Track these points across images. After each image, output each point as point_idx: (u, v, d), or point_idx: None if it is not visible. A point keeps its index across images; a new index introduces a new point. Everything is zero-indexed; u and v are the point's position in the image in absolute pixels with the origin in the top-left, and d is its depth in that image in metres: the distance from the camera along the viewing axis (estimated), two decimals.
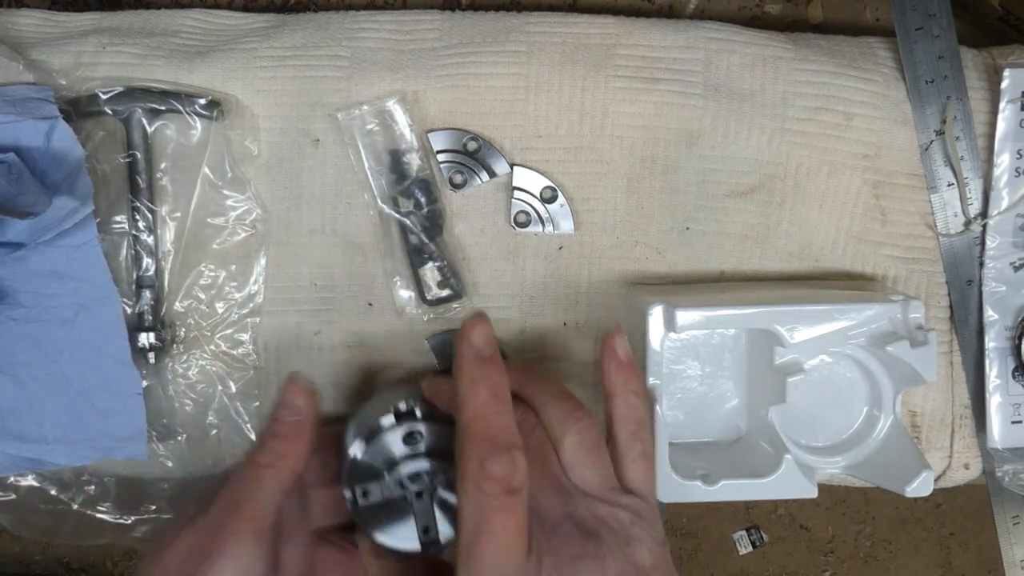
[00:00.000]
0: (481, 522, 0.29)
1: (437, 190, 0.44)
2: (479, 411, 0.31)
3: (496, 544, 0.29)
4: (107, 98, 0.42)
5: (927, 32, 0.44)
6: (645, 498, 0.34)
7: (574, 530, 0.32)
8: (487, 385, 0.31)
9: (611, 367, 0.36)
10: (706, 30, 0.44)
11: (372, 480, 0.36)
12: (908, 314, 0.40)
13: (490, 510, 0.29)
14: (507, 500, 0.29)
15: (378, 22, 0.44)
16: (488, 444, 0.30)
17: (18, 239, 0.40)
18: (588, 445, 0.34)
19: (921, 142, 0.45)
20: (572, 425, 0.34)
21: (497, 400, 0.31)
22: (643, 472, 0.35)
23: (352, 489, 0.36)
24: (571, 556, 0.31)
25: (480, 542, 0.29)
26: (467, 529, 0.30)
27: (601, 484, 0.34)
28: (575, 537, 0.31)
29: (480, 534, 0.29)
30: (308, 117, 0.44)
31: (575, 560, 0.30)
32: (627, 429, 0.35)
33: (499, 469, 0.29)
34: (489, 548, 0.29)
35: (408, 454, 0.36)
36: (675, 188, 0.45)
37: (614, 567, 0.31)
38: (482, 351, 0.32)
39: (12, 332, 0.42)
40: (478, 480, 0.30)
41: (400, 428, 0.36)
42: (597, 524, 0.32)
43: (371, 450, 0.36)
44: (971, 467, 0.46)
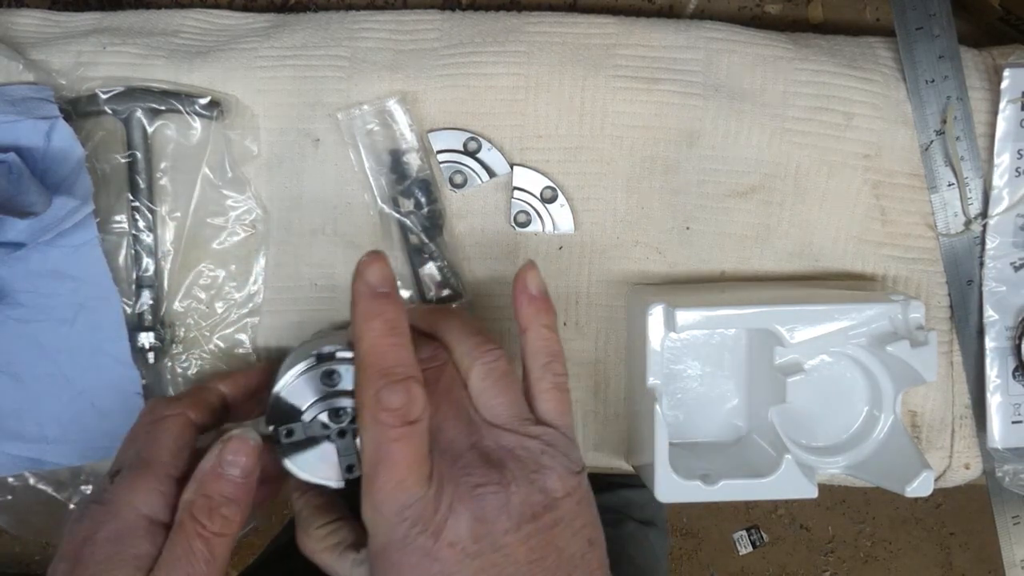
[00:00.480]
0: (379, 453, 0.30)
1: (437, 190, 0.44)
2: (373, 344, 0.31)
3: (394, 473, 0.30)
4: (107, 98, 0.42)
5: (927, 32, 0.44)
6: (558, 428, 0.34)
7: (478, 459, 0.32)
8: (382, 319, 0.31)
9: (523, 301, 0.36)
10: (706, 30, 0.44)
11: (294, 419, 0.36)
12: (908, 314, 0.40)
13: (387, 440, 0.30)
14: (404, 430, 0.30)
15: (378, 22, 0.44)
16: (383, 376, 0.30)
17: (18, 239, 0.40)
18: (495, 376, 0.34)
19: (921, 142, 0.45)
20: (479, 357, 0.34)
21: (392, 333, 0.31)
22: (555, 403, 0.35)
23: (276, 428, 0.36)
24: (473, 484, 0.31)
25: (379, 472, 0.30)
26: (367, 461, 0.30)
27: (510, 415, 0.34)
28: (478, 466, 0.31)
29: (379, 464, 0.30)
30: (308, 117, 0.44)
31: (476, 488, 0.31)
32: (539, 361, 0.35)
33: (395, 400, 0.30)
34: (388, 477, 0.30)
35: (328, 392, 0.36)
36: (675, 188, 0.45)
37: (519, 494, 0.31)
38: (376, 287, 0.32)
39: (12, 332, 0.42)
40: (375, 412, 0.30)
41: (320, 367, 0.36)
42: (502, 454, 0.32)
43: (292, 389, 0.36)
44: (971, 467, 0.46)
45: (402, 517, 0.30)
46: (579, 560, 0.31)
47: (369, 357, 0.31)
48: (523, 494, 0.31)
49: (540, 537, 0.31)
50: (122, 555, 0.31)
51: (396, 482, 0.30)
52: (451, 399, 0.34)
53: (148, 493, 0.32)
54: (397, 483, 0.30)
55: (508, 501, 0.31)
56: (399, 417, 0.30)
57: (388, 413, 0.30)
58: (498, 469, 0.31)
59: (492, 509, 0.30)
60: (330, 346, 0.36)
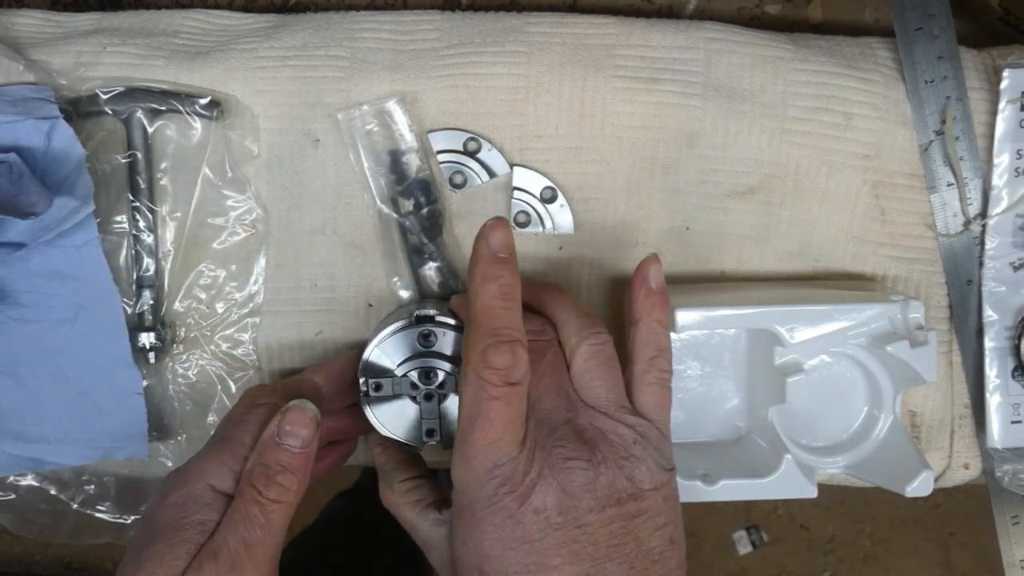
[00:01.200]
0: (478, 409, 0.31)
1: (437, 190, 0.44)
2: (487, 304, 0.32)
3: (490, 431, 0.31)
4: (107, 98, 0.42)
5: (927, 32, 0.44)
6: (654, 423, 0.34)
7: (571, 434, 0.32)
8: (499, 283, 0.32)
9: (641, 293, 0.36)
10: (706, 30, 0.44)
11: (386, 374, 0.38)
12: (908, 314, 0.40)
13: (487, 398, 0.31)
14: (505, 390, 0.31)
15: (378, 22, 0.45)
16: (492, 335, 0.31)
17: (19, 239, 0.40)
18: (600, 359, 0.34)
19: (921, 142, 0.45)
20: (587, 337, 0.34)
21: (506, 297, 0.32)
22: (657, 397, 0.35)
23: (366, 380, 0.38)
24: (564, 457, 0.31)
25: (475, 428, 0.31)
26: (464, 415, 0.31)
27: (608, 400, 0.34)
28: (571, 441, 0.32)
29: (476, 420, 0.31)
30: (308, 117, 0.44)
31: (567, 460, 0.31)
32: (646, 353, 0.35)
33: (500, 359, 0.31)
34: (483, 434, 0.31)
35: (422, 352, 0.38)
36: (675, 188, 0.45)
37: (607, 476, 0.31)
38: (498, 251, 0.33)
39: (13, 332, 0.42)
40: (479, 368, 0.31)
41: (418, 328, 0.38)
42: (595, 435, 0.32)
43: (388, 345, 0.39)
44: (971, 467, 0.46)
45: (491, 475, 0.30)
46: (657, 556, 0.31)
47: (481, 316, 0.32)
48: (610, 477, 0.31)
49: (622, 523, 0.31)
50: (187, 519, 0.32)
51: (491, 440, 0.30)
52: (553, 374, 0.34)
53: (219, 467, 0.33)
54: (492, 441, 0.30)
55: (596, 480, 0.31)
56: (502, 377, 0.31)
57: (492, 371, 0.31)
58: (590, 447, 0.32)
59: (579, 484, 0.31)
60: (431, 309, 0.39)
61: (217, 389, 0.45)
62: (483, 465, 0.31)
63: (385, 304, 0.45)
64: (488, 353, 0.31)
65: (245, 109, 0.43)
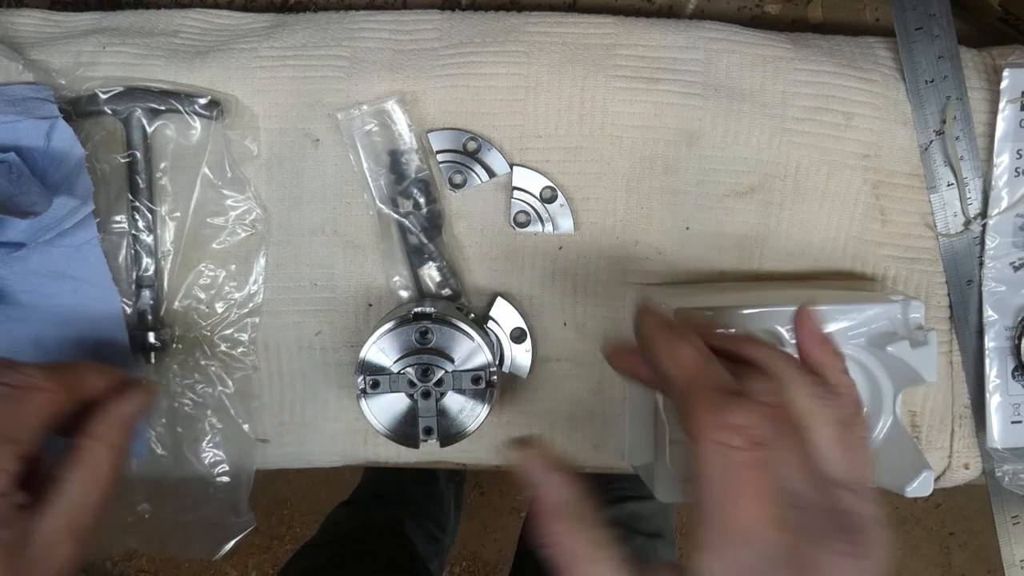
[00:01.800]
0: (727, 483, 0.25)
1: (436, 190, 0.44)
2: (695, 363, 0.28)
3: (751, 508, 0.25)
4: (107, 98, 0.42)
5: (927, 32, 0.44)
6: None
7: (832, 521, 0.27)
8: (691, 343, 0.28)
9: (813, 346, 0.31)
10: (706, 30, 0.44)
11: (383, 372, 0.38)
12: (908, 314, 0.40)
13: (736, 466, 0.25)
14: (755, 455, 0.25)
15: (378, 22, 0.44)
16: (718, 393, 0.27)
17: (18, 239, 0.40)
18: (847, 427, 0.29)
19: (921, 142, 0.45)
20: (828, 401, 0.29)
21: (707, 356, 0.28)
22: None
23: (364, 377, 0.38)
24: (837, 552, 0.26)
25: (731, 505, 0.25)
26: (711, 491, 0.25)
27: (862, 477, 0.28)
28: (835, 529, 0.26)
29: (728, 494, 0.25)
30: (308, 117, 0.44)
31: (842, 556, 0.26)
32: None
33: (740, 416, 0.26)
34: (743, 512, 0.25)
35: (419, 349, 0.38)
36: (675, 188, 0.45)
37: (871, 573, 0.26)
38: (665, 317, 0.30)
39: (12, 332, 0.42)
40: (717, 434, 0.26)
41: (415, 325, 0.38)
42: (857, 521, 0.27)
43: (385, 341, 0.39)
44: (971, 467, 0.46)
45: (757, 571, 0.25)
46: None
47: (696, 378, 0.28)
48: (874, 573, 0.26)
49: None
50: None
51: (752, 522, 0.25)
52: (796, 442, 0.28)
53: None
54: (753, 523, 0.25)
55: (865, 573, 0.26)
56: (747, 437, 0.25)
57: (733, 432, 0.25)
58: (857, 538, 0.26)
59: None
60: (429, 307, 0.38)
61: (217, 389, 0.44)
62: (748, 559, 0.25)
63: (385, 304, 0.45)
64: (725, 412, 0.26)
65: (245, 109, 0.43)
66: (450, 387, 0.39)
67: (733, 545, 0.25)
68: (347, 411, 0.45)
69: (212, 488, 0.45)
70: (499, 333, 0.44)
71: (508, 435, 0.46)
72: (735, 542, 0.25)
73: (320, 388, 0.45)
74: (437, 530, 0.98)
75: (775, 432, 0.27)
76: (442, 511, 1.04)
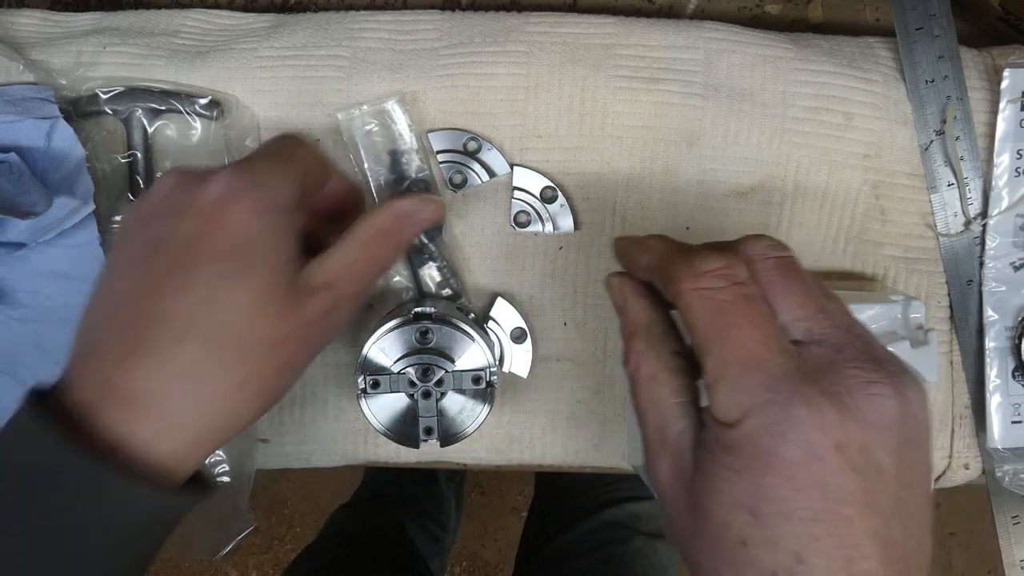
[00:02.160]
0: (717, 321, 0.25)
1: (436, 190, 0.44)
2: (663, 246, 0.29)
3: (748, 335, 0.25)
4: (107, 98, 0.42)
5: (927, 32, 0.44)
6: None
7: (862, 351, 0.26)
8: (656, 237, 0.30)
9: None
10: (706, 30, 0.44)
11: (383, 371, 0.39)
12: (908, 314, 0.40)
13: (723, 304, 0.25)
14: (739, 291, 0.25)
15: (378, 22, 0.44)
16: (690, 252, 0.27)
17: (19, 239, 0.40)
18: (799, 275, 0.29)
19: (921, 142, 0.45)
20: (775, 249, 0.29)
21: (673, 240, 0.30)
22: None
23: (364, 377, 0.38)
24: (865, 380, 0.24)
25: (725, 339, 0.25)
26: (703, 337, 0.25)
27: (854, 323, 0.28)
28: (866, 360, 0.25)
29: (721, 331, 0.25)
30: (308, 117, 0.44)
31: (871, 386, 0.24)
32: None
33: (714, 261, 0.26)
34: (739, 343, 0.25)
35: (420, 349, 0.38)
36: (675, 188, 0.45)
37: (911, 408, 0.25)
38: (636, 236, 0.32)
39: (13, 332, 0.42)
40: (696, 282, 0.26)
41: (416, 325, 0.38)
42: (885, 355, 0.26)
43: (386, 341, 0.39)
44: (971, 467, 0.46)
45: (774, 391, 0.24)
46: (924, 508, 0.25)
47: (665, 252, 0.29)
48: (914, 410, 0.25)
49: (910, 470, 0.25)
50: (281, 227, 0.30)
51: (754, 345, 0.25)
52: (785, 283, 0.28)
53: (293, 184, 0.31)
54: (756, 346, 0.25)
55: (904, 414, 0.24)
56: (726, 278, 0.26)
57: (711, 275, 0.26)
58: (888, 372, 0.25)
59: (885, 418, 0.24)
60: (429, 307, 0.39)
61: None
62: (758, 381, 0.24)
63: (385, 304, 0.45)
64: (695, 262, 0.26)
65: (245, 109, 0.43)
66: (450, 387, 0.39)
67: (737, 372, 0.25)
68: (347, 411, 0.46)
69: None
70: (499, 333, 0.44)
71: (508, 435, 0.46)
72: (737, 369, 0.25)
73: (320, 388, 0.45)
74: (438, 529, 0.99)
75: (758, 275, 0.27)
76: (442, 511, 1.04)
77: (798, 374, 0.24)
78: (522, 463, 0.47)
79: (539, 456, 0.46)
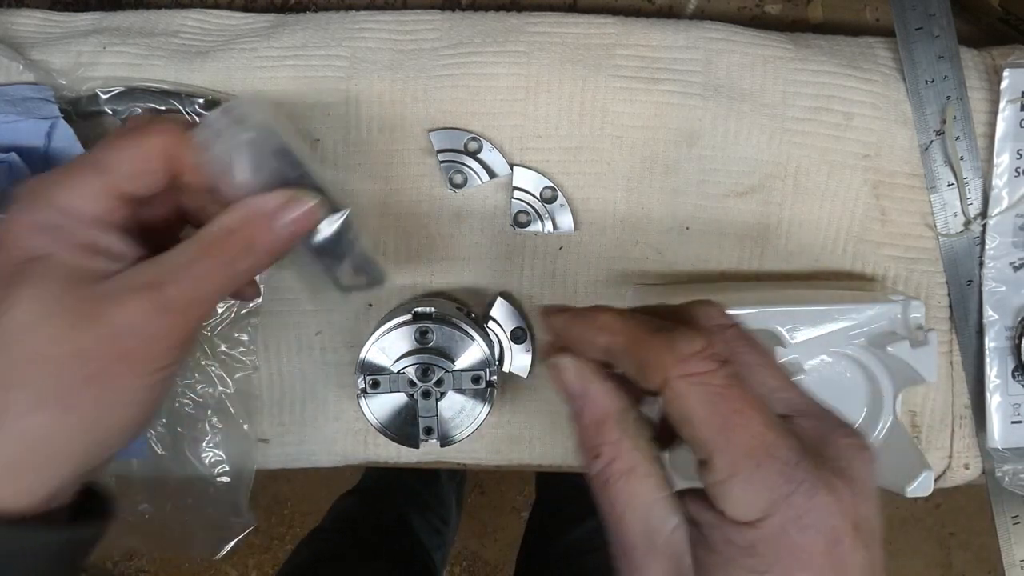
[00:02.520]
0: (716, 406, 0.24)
1: (332, 196, 0.35)
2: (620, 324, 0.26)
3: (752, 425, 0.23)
4: (107, 98, 0.42)
5: (927, 32, 0.44)
6: None
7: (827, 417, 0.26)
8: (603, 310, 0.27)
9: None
10: (706, 30, 0.44)
11: (383, 371, 0.39)
12: (908, 314, 0.40)
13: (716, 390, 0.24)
14: (727, 371, 0.24)
15: (378, 22, 0.44)
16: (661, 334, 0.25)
17: None
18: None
19: (921, 142, 0.45)
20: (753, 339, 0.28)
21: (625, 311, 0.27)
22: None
23: (363, 377, 0.39)
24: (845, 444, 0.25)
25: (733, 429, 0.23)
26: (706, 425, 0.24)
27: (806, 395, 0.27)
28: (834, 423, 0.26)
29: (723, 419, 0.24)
30: (308, 117, 0.44)
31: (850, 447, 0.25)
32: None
33: (695, 343, 0.24)
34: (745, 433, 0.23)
35: (420, 348, 0.39)
36: (675, 188, 0.45)
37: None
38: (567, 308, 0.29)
39: None
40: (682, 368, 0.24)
41: (415, 324, 0.39)
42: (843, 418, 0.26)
43: (385, 341, 0.39)
44: (971, 467, 0.46)
45: (794, 481, 0.23)
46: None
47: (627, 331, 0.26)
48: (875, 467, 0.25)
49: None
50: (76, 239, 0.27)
51: (759, 434, 0.23)
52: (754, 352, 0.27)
53: (96, 195, 0.28)
54: (761, 435, 0.23)
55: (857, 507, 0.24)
56: (711, 359, 0.24)
57: (695, 360, 0.24)
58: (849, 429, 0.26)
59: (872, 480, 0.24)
60: (429, 307, 0.39)
61: (217, 389, 0.44)
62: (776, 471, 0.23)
63: (385, 304, 0.45)
64: (678, 345, 0.24)
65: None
66: (450, 387, 0.39)
67: (752, 465, 0.23)
68: (347, 411, 0.46)
69: (212, 488, 0.45)
70: (499, 333, 0.44)
71: (508, 435, 0.46)
72: (752, 462, 0.23)
73: (320, 388, 0.45)
74: (440, 523, 0.99)
75: (730, 350, 0.26)
76: (444, 506, 1.05)
77: (808, 457, 0.24)
78: (522, 463, 0.47)
79: (539, 456, 0.46)
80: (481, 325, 0.44)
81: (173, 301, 0.27)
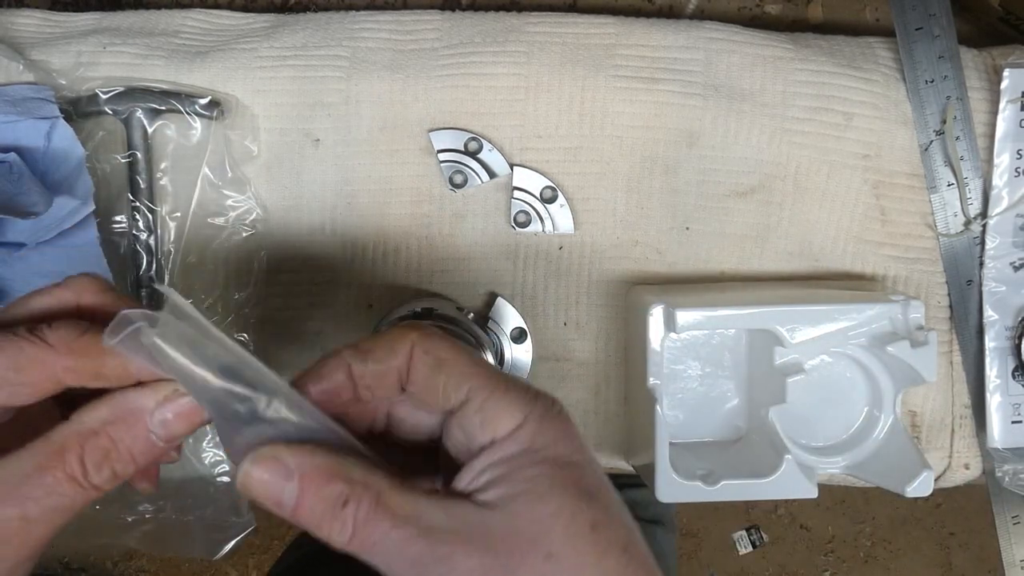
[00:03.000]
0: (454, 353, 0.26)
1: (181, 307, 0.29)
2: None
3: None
4: (107, 98, 0.42)
5: (927, 32, 0.44)
6: None
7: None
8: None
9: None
10: (706, 30, 0.44)
11: None
12: (908, 314, 0.40)
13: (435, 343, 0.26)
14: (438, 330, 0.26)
15: (378, 22, 0.44)
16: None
17: (19, 239, 0.40)
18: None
19: (921, 142, 0.45)
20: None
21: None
22: None
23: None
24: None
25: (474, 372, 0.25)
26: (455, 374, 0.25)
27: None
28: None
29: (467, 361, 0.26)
30: (308, 117, 0.44)
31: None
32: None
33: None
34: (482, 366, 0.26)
35: None
36: (675, 188, 0.45)
37: None
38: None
39: None
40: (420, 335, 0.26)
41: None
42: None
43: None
44: (971, 467, 0.46)
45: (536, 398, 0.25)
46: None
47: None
48: None
49: None
50: None
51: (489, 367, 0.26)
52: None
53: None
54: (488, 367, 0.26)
55: None
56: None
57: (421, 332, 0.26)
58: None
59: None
60: (428, 307, 0.39)
61: None
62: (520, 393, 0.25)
63: (385, 304, 0.45)
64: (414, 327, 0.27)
65: (245, 109, 0.43)
66: None
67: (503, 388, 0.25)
68: None
69: (212, 488, 0.45)
70: (499, 333, 0.44)
71: None
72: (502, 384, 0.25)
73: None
74: None
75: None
76: None
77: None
78: None
79: None
80: (481, 325, 0.44)
81: (12, 522, 0.23)
